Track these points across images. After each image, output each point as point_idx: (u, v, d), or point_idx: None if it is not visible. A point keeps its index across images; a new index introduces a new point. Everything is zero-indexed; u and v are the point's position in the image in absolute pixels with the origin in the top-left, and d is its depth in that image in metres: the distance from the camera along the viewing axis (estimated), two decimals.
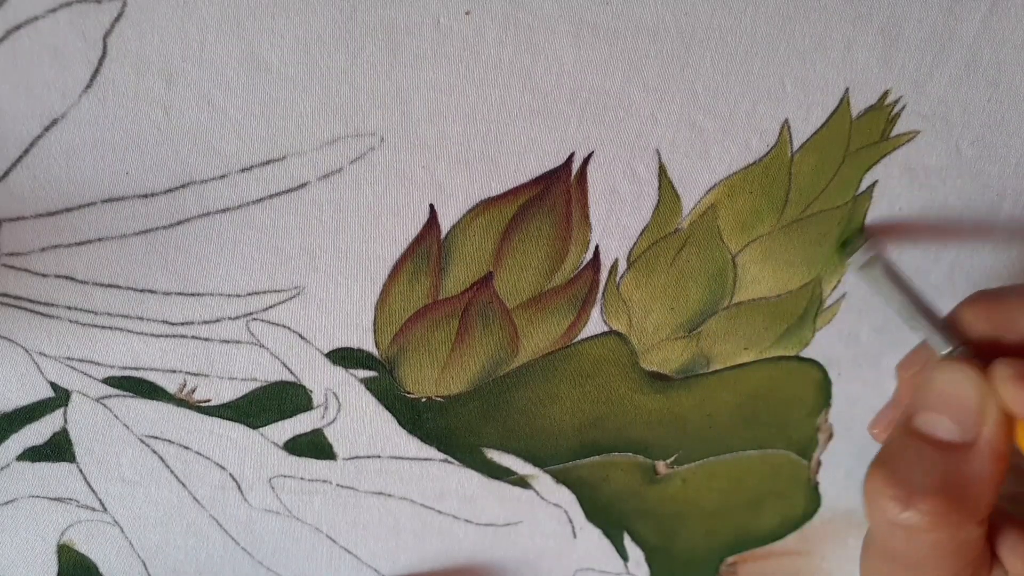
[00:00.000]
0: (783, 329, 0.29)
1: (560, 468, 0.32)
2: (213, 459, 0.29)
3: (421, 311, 0.27)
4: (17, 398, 0.26)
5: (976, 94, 0.25)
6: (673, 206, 0.26)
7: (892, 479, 0.22)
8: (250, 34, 0.21)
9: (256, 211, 0.24)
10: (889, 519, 0.22)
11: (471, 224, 0.25)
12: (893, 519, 0.22)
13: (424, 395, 0.29)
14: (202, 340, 0.26)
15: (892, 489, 0.22)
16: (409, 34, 0.22)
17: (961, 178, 0.27)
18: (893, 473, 0.22)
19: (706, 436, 0.32)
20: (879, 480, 0.23)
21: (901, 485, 0.22)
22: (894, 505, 0.22)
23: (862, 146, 0.25)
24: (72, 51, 0.20)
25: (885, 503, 0.22)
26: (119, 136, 0.22)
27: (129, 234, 0.24)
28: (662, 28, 0.22)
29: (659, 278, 0.27)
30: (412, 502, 0.31)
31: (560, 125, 0.24)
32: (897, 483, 0.22)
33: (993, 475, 0.22)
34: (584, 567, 0.34)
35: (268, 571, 0.32)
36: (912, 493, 0.22)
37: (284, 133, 0.23)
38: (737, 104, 0.24)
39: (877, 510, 0.23)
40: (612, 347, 0.29)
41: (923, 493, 0.22)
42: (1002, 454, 0.22)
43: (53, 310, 0.25)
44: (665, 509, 0.33)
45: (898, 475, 0.22)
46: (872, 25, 0.23)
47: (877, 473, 0.23)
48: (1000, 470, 0.22)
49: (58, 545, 0.30)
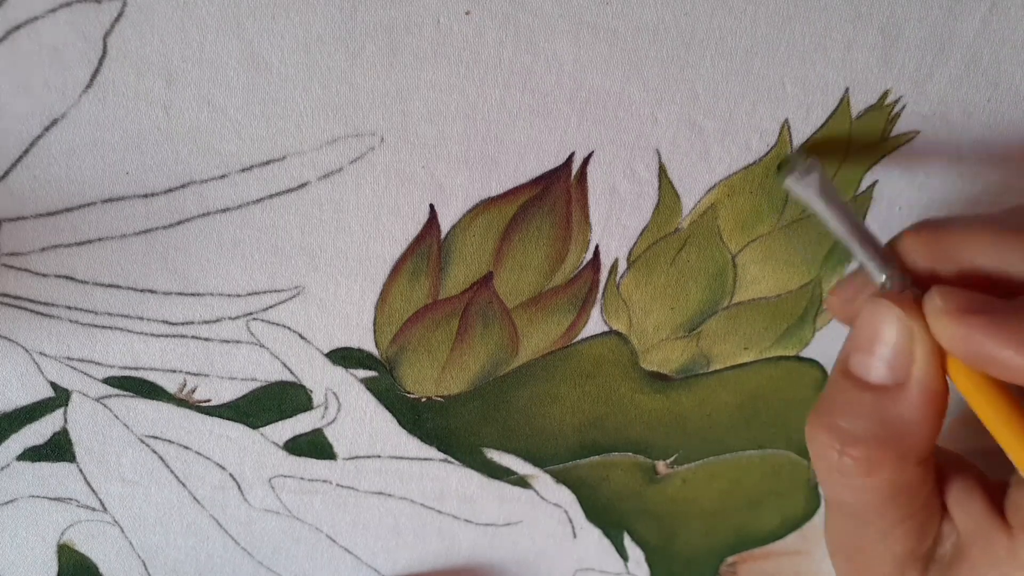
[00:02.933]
0: (783, 329, 0.29)
1: (560, 468, 0.32)
2: (213, 459, 0.29)
3: (421, 311, 0.27)
4: (17, 398, 0.26)
5: (976, 94, 0.25)
6: (673, 206, 0.26)
7: (826, 425, 0.22)
8: (250, 34, 0.21)
9: (256, 211, 0.24)
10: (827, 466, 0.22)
11: (471, 224, 0.25)
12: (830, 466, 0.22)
13: (424, 395, 0.29)
14: (202, 340, 0.26)
15: (826, 435, 0.22)
16: (409, 34, 0.22)
17: (961, 178, 0.27)
18: (828, 418, 0.22)
19: (706, 436, 0.32)
20: (815, 426, 0.22)
21: (835, 431, 0.22)
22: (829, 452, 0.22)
23: (862, 146, 0.25)
24: (72, 51, 0.20)
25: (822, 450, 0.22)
26: (119, 136, 0.22)
27: (129, 234, 0.24)
28: (662, 28, 0.22)
29: (659, 278, 0.27)
30: (412, 502, 0.31)
31: (560, 125, 0.24)
32: (831, 429, 0.22)
33: (928, 416, 0.21)
34: (584, 567, 0.34)
35: (268, 571, 0.32)
36: (846, 439, 0.21)
37: (284, 133, 0.23)
38: (737, 104, 0.24)
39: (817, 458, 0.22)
40: (612, 347, 0.29)
41: (856, 438, 0.21)
42: (936, 393, 0.21)
43: (53, 310, 0.25)
44: (665, 509, 0.33)
45: (832, 420, 0.22)
46: (872, 25, 0.23)
47: (814, 419, 0.22)
48: (936, 410, 0.21)
49: (58, 545, 0.30)
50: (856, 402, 0.22)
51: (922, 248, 0.22)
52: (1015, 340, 0.19)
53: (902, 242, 0.22)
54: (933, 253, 0.22)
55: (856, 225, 0.23)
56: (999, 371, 0.20)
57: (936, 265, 0.22)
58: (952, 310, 0.20)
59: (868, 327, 0.22)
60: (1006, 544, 0.21)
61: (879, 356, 0.21)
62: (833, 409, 0.22)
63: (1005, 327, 0.19)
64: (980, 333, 0.20)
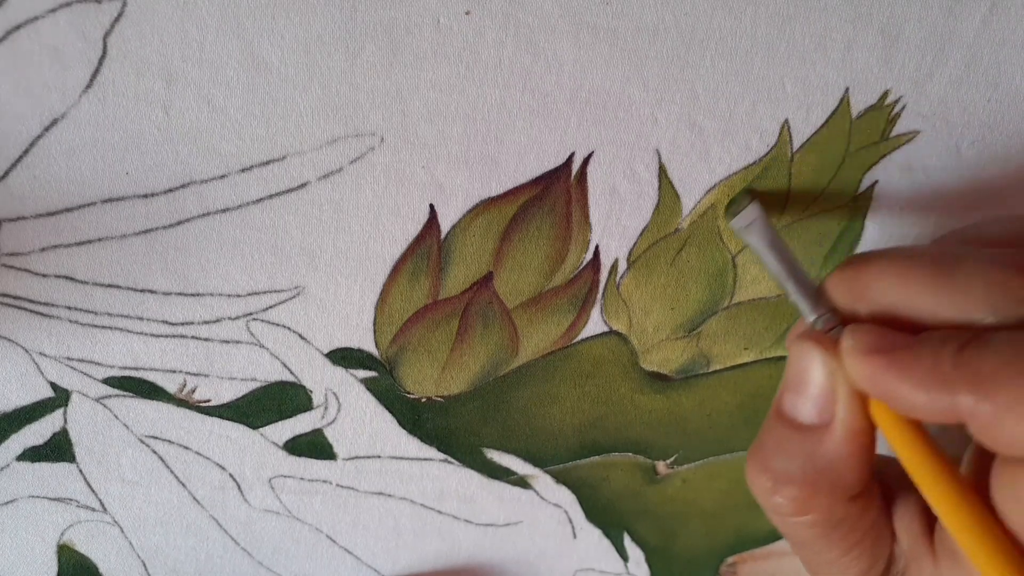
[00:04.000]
0: (783, 329, 0.29)
1: (560, 468, 0.32)
2: (213, 459, 0.29)
3: (421, 311, 0.27)
4: (17, 398, 0.26)
5: (976, 94, 0.25)
6: (673, 206, 0.26)
7: (760, 465, 0.22)
8: (250, 34, 0.21)
9: (256, 211, 0.24)
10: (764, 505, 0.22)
11: (471, 224, 0.25)
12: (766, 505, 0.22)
13: (424, 395, 0.29)
14: (202, 340, 0.26)
15: (759, 476, 0.22)
16: (409, 34, 0.22)
17: (961, 178, 0.27)
18: (761, 459, 0.22)
19: (706, 436, 0.32)
20: (750, 467, 0.22)
21: (768, 472, 0.22)
22: (763, 492, 0.22)
23: (862, 146, 0.25)
24: (72, 51, 0.20)
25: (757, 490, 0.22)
26: (119, 136, 0.22)
27: (129, 234, 0.24)
28: (662, 28, 0.22)
29: (659, 278, 0.27)
30: (412, 502, 0.31)
31: (560, 125, 0.24)
32: (764, 470, 0.22)
33: (853, 455, 0.21)
34: (584, 567, 0.34)
35: (268, 571, 0.32)
36: (778, 479, 0.22)
37: (284, 133, 0.23)
38: (737, 104, 0.24)
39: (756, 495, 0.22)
40: (612, 347, 0.29)
41: (787, 479, 0.21)
42: (860, 431, 0.21)
43: (53, 310, 0.25)
44: (665, 509, 0.33)
45: (765, 461, 0.22)
46: (872, 25, 0.23)
47: (750, 458, 0.23)
48: (861, 447, 0.21)
49: (58, 545, 0.30)
50: (787, 442, 0.22)
51: (844, 288, 0.22)
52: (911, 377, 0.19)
53: (827, 283, 0.23)
54: (852, 293, 0.22)
55: (791, 265, 0.23)
56: (901, 407, 0.20)
57: (856, 305, 0.22)
58: (858, 349, 0.20)
59: (796, 367, 0.22)
60: (931, 570, 0.21)
61: (806, 396, 0.22)
62: (766, 449, 0.22)
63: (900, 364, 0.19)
64: (881, 371, 0.20)
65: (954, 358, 0.19)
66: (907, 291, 0.21)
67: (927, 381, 0.19)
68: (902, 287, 0.21)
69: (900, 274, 0.21)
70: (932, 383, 0.19)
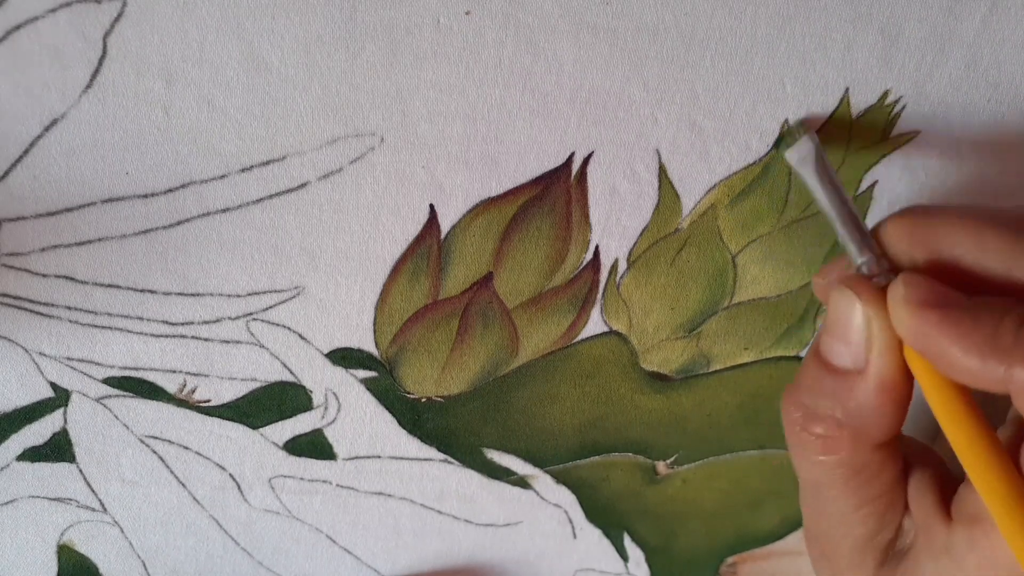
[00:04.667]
0: (783, 329, 0.29)
1: (560, 468, 0.32)
2: (213, 459, 0.29)
3: (421, 311, 0.27)
4: (17, 398, 0.26)
5: (976, 94, 0.25)
6: (673, 206, 0.26)
7: (794, 401, 0.23)
8: (250, 34, 0.21)
9: (256, 211, 0.24)
10: (792, 440, 0.23)
11: (471, 224, 0.25)
12: (793, 439, 0.23)
13: (424, 395, 0.29)
14: (202, 340, 0.26)
15: (792, 411, 0.22)
16: (409, 34, 0.22)
17: (961, 178, 0.27)
18: (796, 394, 0.23)
19: (706, 436, 0.32)
20: (785, 400, 0.23)
21: (800, 408, 0.22)
22: (793, 427, 0.22)
23: (862, 146, 0.25)
24: (72, 51, 0.20)
25: (788, 424, 0.23)
26: (119, 136, 0.22)
27: (129, 234, 0.24)
28: (662, 28, 0.22)
29: (659, 278, 0.27)
30: (412, 502, 0.31)
31: (560, 125, 0.24)
32: (797, 405, 0.22)
33: (883, 404, 0.21)
34: (584, 567, 0.34)
35: (268, 571, 0.32)
36: (808, 416, 0.22)
37: (284, 133, 0.23)
38: (737, 104, 0.24)
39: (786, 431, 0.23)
40: (612, 347, 0.29)
41: (816, 417, 0.22)
42: (893, 382, 0.21)
43: (53, 310, 0.25)
44: (665, 509, 0.33)
45: (799, 396, 0.22)
46: (872, 25, 0.23)
47: (786, 394, 0.23)
48: (892, 399, 0.21)
49: (58, 545, 0.30)
50: (821, 383, 0.22)
51: (904, 235, 0.22)
52: (963, 340, 0.19)
53: (886, 226, 0.22)
54: (914, 240, 0.21)
55: (844, 204, 0.23)
56: (947, 369, 0.19)
57: (916, 253, 0.21)
58: (911, 300, 0.20)
59: (835, 312, 0.22)
60: (944, 536, 0.21)
61: (843, 341, 0.21)
62: (801, 387, 0.22)
63: (957, 325, 0.19)
64: (932, 327, 0.19)
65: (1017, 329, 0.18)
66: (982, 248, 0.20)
67: (983, 347, 0.18)
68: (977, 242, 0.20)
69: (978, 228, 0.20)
70: (989, 351, 0.18)
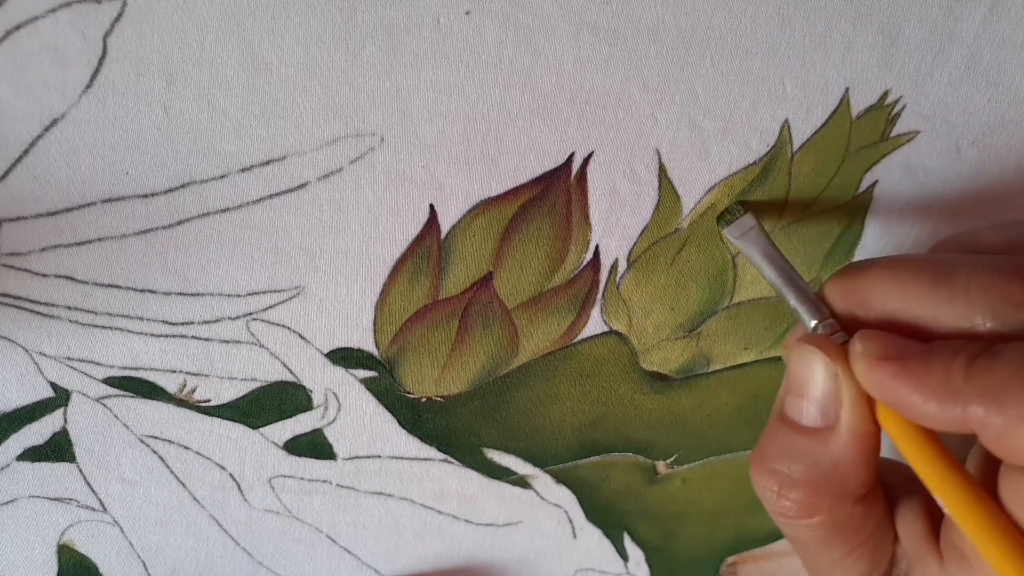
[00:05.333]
0: (783, 329, 0.29)
1: (560, 468, 0.32)
2: (213, 459, 0.29)
3: (421, 311, 0.27)
4: (17, 398, 0.26)
5: (976, 94, 0.25)
6: (673, 206, 0.26)
7: (763, 468, 0.22)
8: (250, 34, 0.21)
9: (256, 211, 0.24)
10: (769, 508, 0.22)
11: (471, 224, 0.25)
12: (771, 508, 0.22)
13: (424, 395, 0.29)
14: (202, 340, 0.26)
15: (764, 479, 0.22)
16: (409, 34, 0.22)
17: (961, 178, 0.27)
18: (765, 462, 0.22)
19: (706, 436, 0.32)
20: (755, 470, 0.23)
21: (773, 475, 0.22)
22: (768, 495, 0.22)
23: (862, 146, 0.25)
24: (72, 51, 0.20)
25: (762, 492, 0.22)
26: (119, 136, 0.22)
27: (129, 234, 0.24)
28: (662, 28, 0.22)
29: (659, 278, 0.27)
30: (412, 502, 0.31)
31: (560, 125, 0.24)
32: (768, 473, 0.22)
33: (859, 457, 0.21)
34: (584, 567, 0.34)
35: (268, 571, 0.32)
36: (782, 482, 0.22)
37: (284, 133, 0.23)
38: (737, 104, 0.24)
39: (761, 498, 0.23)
40: (612, 347, 0.29)
41: (792, 482, 0.22)
42: (865, 435, 0.21)
43: (53, 310, 0.25)
44: (665, 509, 0.33)
45: (769, 464, 0.22)
46: (872, 25, 0.23)
47: (754, 462, 0.23)
48: (866, 451, 0.21)
49: (58, 545, 0.30)
50: (791, 445, 0.22)
51: (841, 296, 0.22)
52: (920, 387, 0.19)
53: (825, 290, 0.23)
54: (850, 300, 0.22)
55: (788, 273, 0.24)
56: (911, 415, 0.20)
57: (856, 311, 0.22)
58: (868, 354, 0.20)
59: (798, 371, 0.22)
60: (937, 571, 0.21)
61: (810, 399, 0.22)
62: (770, 453, 0.22)
63: (912, 373, 0.19)
64: (891, 379, 0.20)
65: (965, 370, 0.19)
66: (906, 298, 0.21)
67: (939, 392, 0.19)
68: (901, 294, 0.21)
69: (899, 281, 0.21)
70: (944, 394, 0.19)
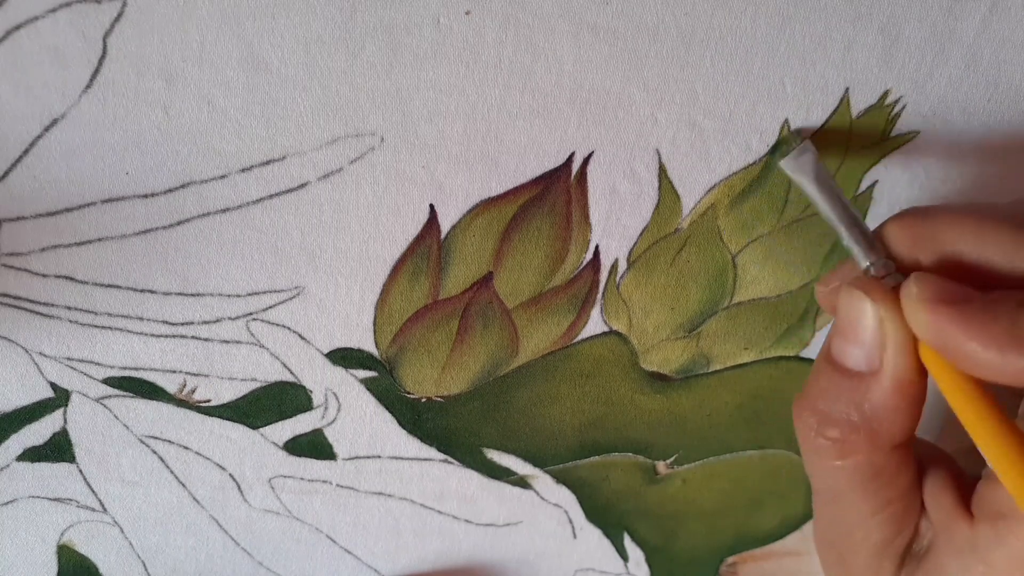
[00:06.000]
0: (783, 329, 0.29)
1: (560, 468, 0.32)
2: (213, 459, 0.29)
3: (421, 311, 0.27)
4: (17, 398, 0.26)
5: (976, 94, 0.25)
6: (673, 206, 0.26)
7: (807, 407, 0.22)
8: (250, 34, 0.21)
9: (256, 211, 0.24)
10: (806, 446, 0.22)
11: (471, 224, 0.25)
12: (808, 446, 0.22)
13: (424, 395, 0.29)
14: (202, 340, 0.26)
15: (806, 416, 0.22)
16: (409, 34, 0.22)
17: (961, 178, 0.27)
18: (809, 400, 0.22)
19: (706, 436, 0.32)
20: (797, 407, 0.23)
21: (814, 412, 0.22)
22: (807, 432, 0.22)
23: (862, 146, 0.25)
24: (72, 51, 0.20)
25: (802, 430, 0.22)
26: (119, 136, 0.22)
27: (129, 234, 0.24)
28: (662, 28, 0.22)
29: (659, 278, 0.27)
30: (412, 502, 0.31)
31: (560, 125, 0.24)
32: (811, 411, 0.22)
33: (900, 404, 0.21)
34: (584, 567, 0.34)
35: (268, 571, 0.32)
36: (823, 421, 0.22)
37: (284, 133, 0.23)
38: (737, 104, 0.24)
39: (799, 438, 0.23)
40: (612, 347, 0.29)
41: (831, 421, 0.22)
42: (908, 382, 0.21)
43: (53, 310, 0.25)
44: (665, 509, 0.33)
45: (812, 401, 0.22)
46: (872, 25, 0.23)
47: (798, 400, 0.23)
48: (909, 398, 0.21)
49: (58, 546, 0.30)
50: (834, 386, 0.22)
51: (905, 236, 0.22)
52: (982, 334, 0.19)
53: (887, 229, 0.22)
54: (916, 241, 0.22)
55: (845, 209, 0.23)
56: (966, 364, 0.19)
57: (919, 253, 0.22)
58: (925, 298, 0.20)
59: (846, 314, 0.22)
60: (967, 534, 0.21)
61: (856, 343, 0.21)
62: (814, 392, 0.22)
63: (974, 320, 0.19)
64: (949, 324, 0.19)
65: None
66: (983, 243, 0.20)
67: (1002, 340, 0.18)
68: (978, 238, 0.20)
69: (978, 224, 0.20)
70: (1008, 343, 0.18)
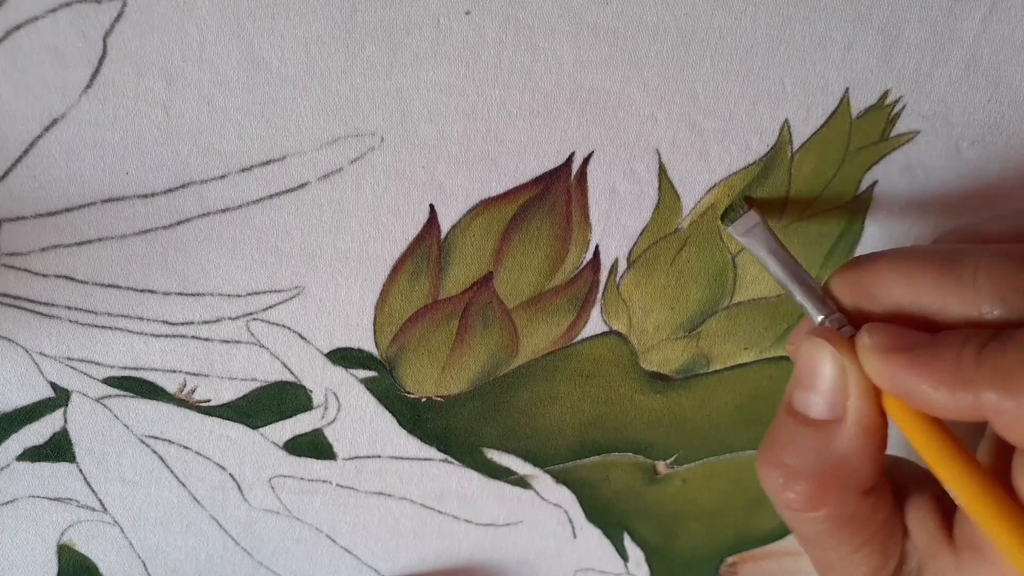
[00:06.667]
0: (783, 329, 0.29)
1: (560, 468, 0.32)
2: (213, 459, 0.29)
3: (421, 311, 0.27)
4: (17, 398, 0.26)
5: (976, 94, 0.25)
6: (673, 206, 0.26)
7: (771, 460, 0.22)
8: (250, 34, 0.21)
9: (256, 211, 0.24)
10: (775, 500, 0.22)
11: (471, 224, 0.25)
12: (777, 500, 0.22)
13: (424, 395, 0.29)
14: (202, 340, 0.26)
15: (770, 472, 0.22)
16: (409, 34, 0.22)
17: (961, 178, 0.27)
18: (772, 454, 0.22)
19: (706, 436, 0.32)
20: (761, 462, 0.23)
21: (779, 467, 0.22)
22: (774, 488, 0.22)
23: (862, 146, 0.25)
24: (72, 51, 0.20)
25: (768, 485, 0.22)
26: (119, 136, 0.22)
27: (129, 234, 0.24)
28: (662, 28, 0.22)
29: (659, 278, 0.27)
30: (412, 502, 0.31)
31: (560, 125, 0.24)
32: (775, 465, 0.22)
33: (866, 450, 0.21)
34: (584, 567, 0.34)
35: (268, 571, 0.32)
36: (789, 474, 0.22)
37: (284, 133, 0.23)
38: (737, 104, 0.24)
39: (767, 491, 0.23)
40: (612, 347, 0.29)
41: (798, 474, 0.22)
42: (873, 428, 0.21)
43: (53, 310, 0.25)
44: (665, 509, 0.33)
45: (777, 456, 0.22)
46: (872, 25, 0.23)
47: (761, 454, 0.23)
48: (874, 443, 0.21)
49: (58, 545, 0.30)
50: (798, 438, 0.22)
51: (847, 289, 0.22)
52: (931, 376, 0.19)
53: (831, 285, 0.23)
54: (856, 293, 0.22)
55: (793, 269, 0.24)
56: (921, 405, 0.20)
57: (863, 304, 0.22)
58: (876, 347, 0.20)
59: (806, 364, 0.22)
60: (953, 564, 0.21)
61: (817, 391, 0.22)
62: (777, 445, 0.22)
63: (922, 364, 0.20)
64: (901, 370, 0.20)
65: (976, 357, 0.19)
66: (913, 289, 0.21)
67: (950, 380, 0.19)
68: (908, 285, 0.21)
69: (905, 272, 0.21)
70: (955, 382, 0.19)
